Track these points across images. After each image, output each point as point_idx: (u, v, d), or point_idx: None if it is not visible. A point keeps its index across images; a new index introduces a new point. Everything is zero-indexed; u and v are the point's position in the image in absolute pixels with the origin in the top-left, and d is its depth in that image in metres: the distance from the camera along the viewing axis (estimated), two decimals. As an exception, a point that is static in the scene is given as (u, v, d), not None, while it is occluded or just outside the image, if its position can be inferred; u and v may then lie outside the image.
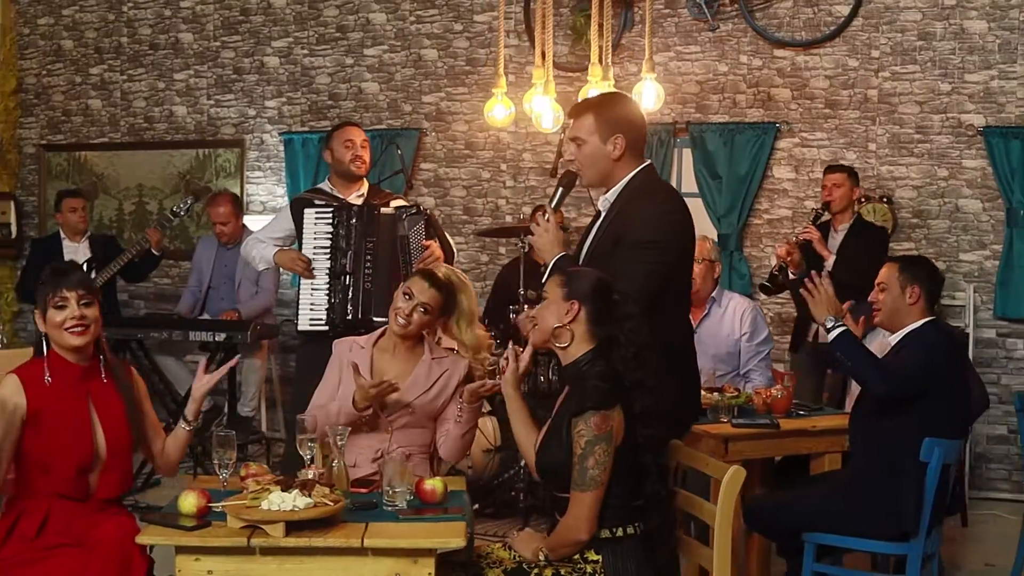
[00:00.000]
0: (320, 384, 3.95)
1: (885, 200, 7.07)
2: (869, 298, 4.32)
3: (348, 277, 4.98)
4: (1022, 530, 4.99)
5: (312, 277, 5.00)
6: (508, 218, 7.96)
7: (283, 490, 2.94)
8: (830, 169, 6.44)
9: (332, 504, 2.95)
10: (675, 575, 3.35)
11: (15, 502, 3.37)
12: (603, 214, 3.69)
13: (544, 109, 5.82)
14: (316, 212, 5.07)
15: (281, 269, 5.72)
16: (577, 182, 3.77)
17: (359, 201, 5.18)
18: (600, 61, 5.95)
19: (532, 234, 3.73)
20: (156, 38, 8.68)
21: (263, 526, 2.85)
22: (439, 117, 8.11)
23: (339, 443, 3.34)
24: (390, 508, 3.15)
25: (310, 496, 2.92)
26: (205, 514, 2.98)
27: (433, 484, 3.26)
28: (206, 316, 7.03)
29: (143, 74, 8.72)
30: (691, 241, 3.66)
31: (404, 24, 8.17)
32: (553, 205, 3.76)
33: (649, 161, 3.73)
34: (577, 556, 3.10)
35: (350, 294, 4.98)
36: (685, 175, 7.59)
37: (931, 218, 7.08)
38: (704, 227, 6.99)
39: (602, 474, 3.00)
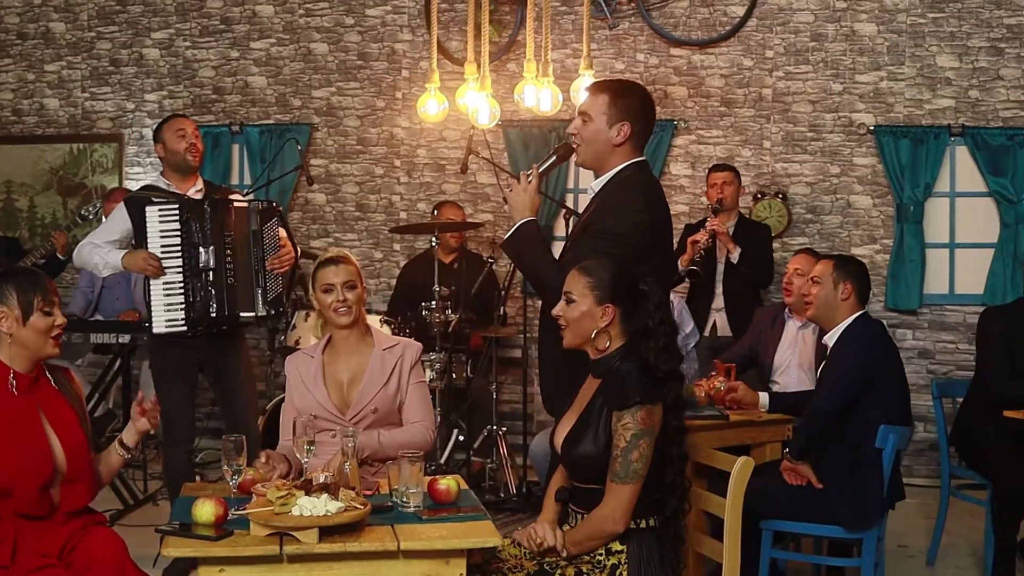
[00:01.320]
0: (284, 415, 3.82)
1: (780, 196, 7.19)
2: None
3: (209, 273, 4.76)
4: (939, 513, 5.11)
5: (163, 276, 4.73)
6: (403, 214, 7.81)
7: (306, 495, 2.80)
8: (716, 168, 6.54)
9: (361, 507, 2.82)
10: (683, 566, 3.30)
11: None
12: (589, 200, 3.68)
13: (480, 104, 5.68)
14: (160, 210, 4.76)
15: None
16: (572, 157, 3.71)
17: (198, 196, 4.95)
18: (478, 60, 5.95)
19: (505, 194, 3.68)
20: (24, 27, 8.24)
21: (294, 533, 2.70)
22: (330, 112, 7.91)
23: (348, 446, 3.16)
24: (406, 509, 3.03)
25: (338, 500, 2.79)
26: (222, 523, 2.80)
27: (447, 483, 3.16)
28: (99, 317, 6.66)
29: (10, 64, 8.26)
30: (658, 241, 3.60)
31: (293, 17, 7.95)
32: (540, 169, 3.68)
33: (643, 158, 3.68)
34: (601, 549, 3.04)
35: (212, 291, 4.77)
36: (584, 171, 7.54)
37: (824, 214, 7.24)
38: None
39: (644, 467, 2.98)
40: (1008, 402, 4.77)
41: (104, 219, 6.81)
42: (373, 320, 5.99)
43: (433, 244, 6.35)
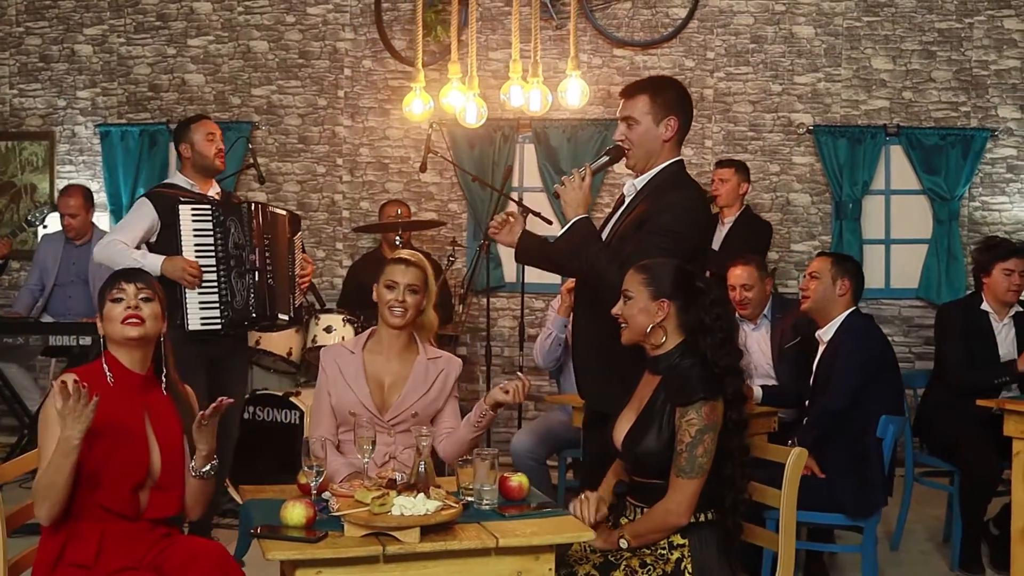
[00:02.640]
0: (317, 411, 3.71)
1: (722, 194, 7.32)
2: (800, 285, 4.70)
3: (255, 273, 4.79)
4: (903, 500, 5.25)
5: (198, 286, 4.72)
6: (345, 212, 7.77)
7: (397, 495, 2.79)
8: (720, 164, 6.64)
9: (456, 506, 2.82)
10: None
11: (57, 525, 2.95)
12: (628, 199, 3.69)
13: (468, 103, 5.64)
14: (193, 209, 4.77)
15: None
16: (624, 160, 3.71)
17: (216, 198, 4.97)
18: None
19: (557, 190, 3.66)
20: (-51, 22, 8.02)
21: (394, 533, 2.68)
22: (270, 110, 7.84)
23: (423, 444, 3.11)
24: (482, 506, 3.03)
25: (430, 499, 2.78)
26: (312, 524, 2.77)
27: (519, 480, 3.15)
28: (48, 318, 6.46)
29: (-66, 60, 8.03)
30: (707, 239, 3.72)
31: (232, 14, 7.86)
32: (593, 167, 3.69)
33: (681, 156, 3.73)
34: (664, 542, 3.08)
35: (254, 291, 4.78)
36: (529, 170, 7.60)
37: (765, 211, 7.39)
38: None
39: (708, 462, 3.04)
40: (969, 391, 4.96)
41: (46, 224, 6.66)
42: (335, 318, 5.95)
43: (397, 241, 6.29)
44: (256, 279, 4.79)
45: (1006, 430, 4.55)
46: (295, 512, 2.75)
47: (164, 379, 3.18)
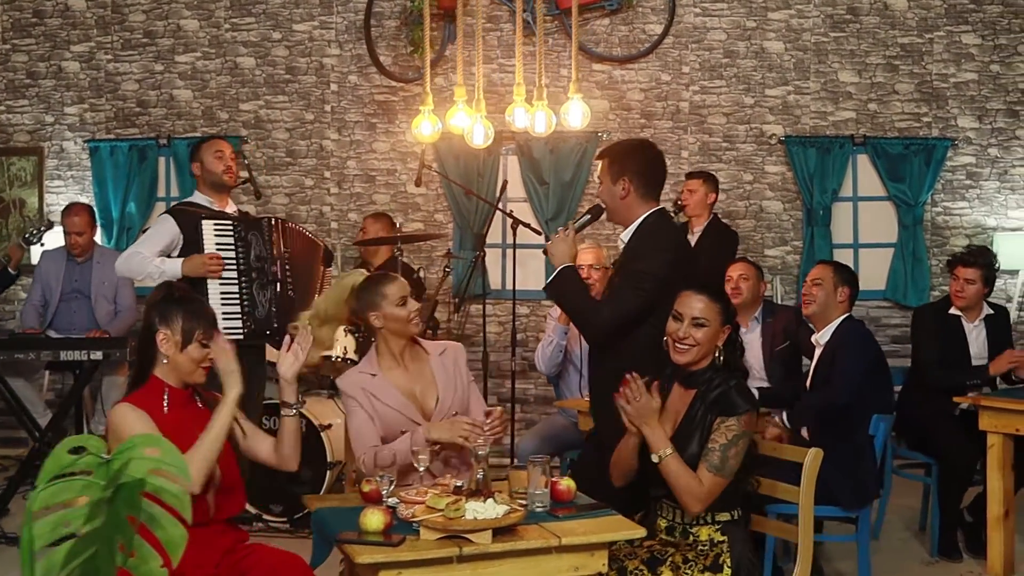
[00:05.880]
0: (357, 427, 3.76)
1: (698, 203, 7.64)
2: (803, 291, 5.05)
3: (277, 285, 5.01)
4: (883, 491, 5.59)
5: (222, 273, 4.94)
6: (334, 224, 7.98)
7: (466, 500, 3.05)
8: (689, 176, 6.93)
9: (520, 509, 3.08)
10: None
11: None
12: (621, 250, 4.13)
13: (475, 125, 5.84)
14: (215, 224, 5.02)
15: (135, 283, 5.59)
16: (603, 215, 4.17)
17: (235, 214, 5.23)
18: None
19: (547, 247, 4.09)
20: (-65, 39, 8.12)
21: (468, 535, 2.93)
22: (258, 125, 8.03)
23: (479, 452, 3.32)
24: (536, 509, 3.24)
25: (498, 503, 3.04)
26: (390, 529, 3.01)
27: (567, 483, 3.38)
28: (53, 333, 6.60)
29: (-80, 77, 8.12)
30: (680, 271, 3.95)
31: (219, 31, 8.04)
32: (576, 226, 4.11)
33: (661, 206, 4.13)
34: (705, 539, 3.37)
35: (276, 305, 5.01)
36: (513, 181, 7.85)
37: (739, 218, 7.73)
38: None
39: (737, 466, 3.33)
40: (942, 387, 5.37)
41: (43, 242, 6.79)
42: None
43: (396, 255, 6.48)
44: (278, 290, 5.03)
45: (981, 424, 4.94)
46: (374, 518, 2.99)
47: (198, 395, 3.40)
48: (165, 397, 3.27)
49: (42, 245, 6.78)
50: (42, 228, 6.62)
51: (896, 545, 5.61)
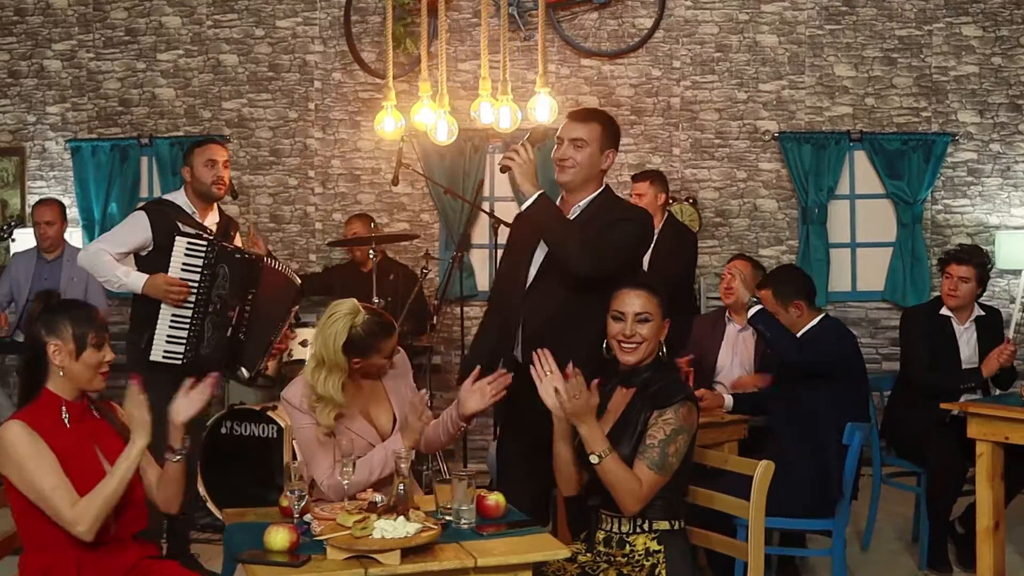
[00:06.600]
0: (311, 447, 3.50)
1: (690, 201, 7.43)
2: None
3: (228, 329, 4.77)
4: (872, 500, 5.39)
5: (181, 304, 4.70)
6: (318, 224, 7.81)
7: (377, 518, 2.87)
8: (635, 178, 6.70)
9: (435, 527, 2.90)
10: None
11: (31, 559, 2.99)
12: (573, 216, 3.91)
13: (438, 121, 5.64)
14: (189, 242, 4.73)
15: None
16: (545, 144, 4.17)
17: (213, 226, 4.96)
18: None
19: (508, 164, 3.84)
20: (-85, 39, 8.01)
21: (375, 555, 2.75)
22: (241, 124, 7.87)
23: (402, 466, 3.16)
24: (460, 525, 3.09)
25: (410, 521, 2.86)
26: (296, 548, 2.83)
27: (495, 499, 3.23)
28: (21, 336, 6.46)
29: (-100, 77, 8.01)
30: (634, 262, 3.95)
31: (201, 28, 7.89)
32: (530, 142, 3.93)
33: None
34: (641, 548, 3.18)
35: (222, 345, 4.76)
36: (498, 180, 7.68)
37: (732, 217, 7.51)
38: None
39: (676, 464, 3.16)
40: (931, 392, 5.13)
41: (14, 238, 6.65)
42: (311, 333, 5.95)
43: (370, 256, 6.30)
44: (229, 335, 4.78)
45: (969, 432, 4.67)
46: (278, 537, 2.81)
47: (92, 405, 3.21)
48: (64, 413, 3.06)
49: (13, 240, 6.65)
50: (12, 223, 6.51)
51: (885, 557, 5.39)
